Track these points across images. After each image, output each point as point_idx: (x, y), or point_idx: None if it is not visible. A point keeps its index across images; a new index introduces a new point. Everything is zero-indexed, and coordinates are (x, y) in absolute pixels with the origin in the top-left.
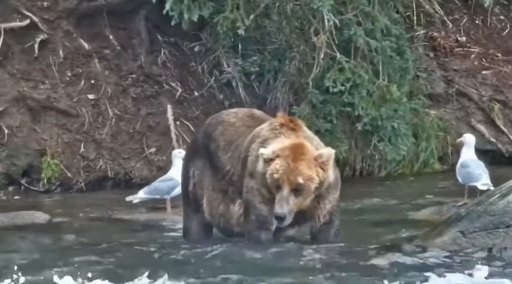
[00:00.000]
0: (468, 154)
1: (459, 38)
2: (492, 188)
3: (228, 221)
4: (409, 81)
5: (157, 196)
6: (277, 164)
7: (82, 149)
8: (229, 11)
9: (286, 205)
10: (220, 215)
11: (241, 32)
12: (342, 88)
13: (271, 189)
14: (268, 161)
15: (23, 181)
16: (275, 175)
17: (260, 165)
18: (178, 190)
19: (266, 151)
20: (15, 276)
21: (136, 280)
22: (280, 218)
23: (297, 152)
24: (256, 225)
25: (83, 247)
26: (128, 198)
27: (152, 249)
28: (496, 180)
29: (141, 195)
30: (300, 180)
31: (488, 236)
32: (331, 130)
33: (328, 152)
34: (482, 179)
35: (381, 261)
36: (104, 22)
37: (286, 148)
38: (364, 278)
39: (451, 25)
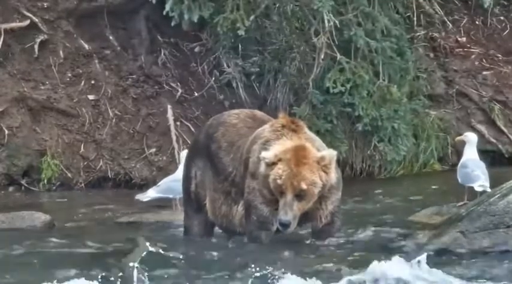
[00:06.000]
0: (470, 154)
1: (459, 39)
2: (489, 190)
3: (231, 221)
4: (409, 82)
5: (171, 196)
6: (279, 169)
7: (82, 149)
8: (229, 12)
9: (290, 212)
10: (222, 216)
11: (241, 32)
12: (342, 88)
13: (273, 192)
14: (271, 165)
15: (23, 182)
16: (278, 181)
17: (262, 168)
18: None
19: (268, 155)
20: (15, 276)
21: (137, 280)
22: (285, 225)
23: (299, 155)
24: (257, 225)
25: (83, 247)
26: (137, 197)
27: (154, 249)
28: (497, 180)
29: (153, 193)
30: (304, 186)
31: (488, 236)
32: (331, 130)
33: (330, 154)
34: (480, 180)
35: (381, 261)
36: (104, 22)
37: (288, 151)
38: (363, 278)
39: (451, 26)
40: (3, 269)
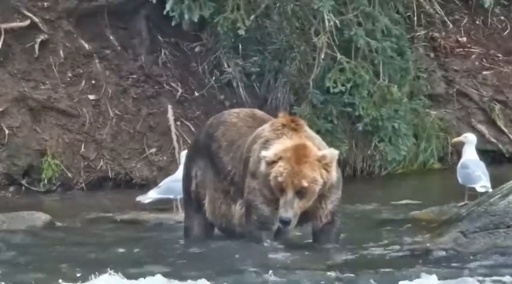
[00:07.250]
0: (469, 154)
1: (460, 39)
2: (490, 190)
3: (230, 221)
4: (409, 82)
5: (171, 196)
6: (280, 167)
7: (82, 149)
8: (229, 11)
9: (290, 210)
10: (222, 216)
11: (241, 32)
12: (343, 88)
13: (274, 191)
14: (271, 163)
15: (23, 182)
16: (279, 179)
17: (262, 167)
18: None
19: (268, 154)
20: (15, 276)
21: (137, 280)
22: (285, 223)
23: (299, 154)
24: (258, 225)
25: (83, 247)
26: (138, 198)
27: (154, 249)
28: (497, 180)
29: (154, 195)
30: (305, 183)
31: (488, 236)
32: (331, 130)
33: (332, 153)
34: (481, 181)
35: (381, 262)
36: (104, 22)
37: (288, 150)
38: (364, 278)
39: (451, 25)
40: (4, 269)
